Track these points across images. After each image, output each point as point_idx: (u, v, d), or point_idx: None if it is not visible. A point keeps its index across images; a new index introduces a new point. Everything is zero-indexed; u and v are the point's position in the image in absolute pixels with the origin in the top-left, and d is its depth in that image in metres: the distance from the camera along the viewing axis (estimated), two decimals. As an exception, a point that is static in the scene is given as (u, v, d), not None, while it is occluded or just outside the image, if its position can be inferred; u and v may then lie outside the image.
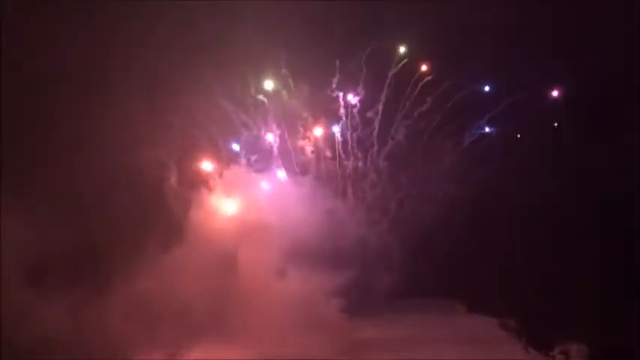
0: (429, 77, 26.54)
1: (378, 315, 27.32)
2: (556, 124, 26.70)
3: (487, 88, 26.38)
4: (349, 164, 27.83)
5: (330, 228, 26.87)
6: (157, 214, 24.32)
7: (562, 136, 26.20)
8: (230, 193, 25.57)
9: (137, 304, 23.05)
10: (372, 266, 28.04)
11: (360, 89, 26.89)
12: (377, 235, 28.27)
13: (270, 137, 26.78)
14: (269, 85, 26.31)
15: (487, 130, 26.98)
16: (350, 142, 27.65)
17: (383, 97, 26.90)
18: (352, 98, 27.06)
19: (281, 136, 26.87)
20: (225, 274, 24.43)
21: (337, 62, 26.13)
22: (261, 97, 26.33)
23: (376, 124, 27.24)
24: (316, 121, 27.18)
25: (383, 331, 26.64)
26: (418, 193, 27.89)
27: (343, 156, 27.80)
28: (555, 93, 26.49)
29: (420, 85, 26.69)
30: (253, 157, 26.59)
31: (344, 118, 27.33)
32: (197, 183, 25.85)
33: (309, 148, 27.45)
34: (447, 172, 27.38)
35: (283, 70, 25.90)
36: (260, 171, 26.63)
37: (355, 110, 27.34)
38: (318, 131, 27.32)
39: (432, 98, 26.58)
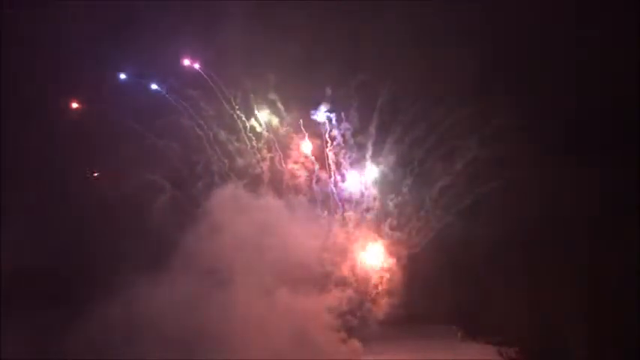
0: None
1: (375, 340, 27.14)
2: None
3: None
4: (343, 187, 27.69)
5: (324, 250, 26.87)
6: (147, 234, 24.36)
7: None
8: (221, 214, 25.39)
9: (123, 326, 22.82)
10: (370, 290, 27.71)
11: (350, 114, 27.03)
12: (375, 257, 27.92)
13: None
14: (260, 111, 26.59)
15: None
16: (343, 164, 27.61)
17: (374, 121, 26.96)
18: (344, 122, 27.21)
19: (272, 161, 27.01)
20: (217, 296, 24.25)
21: (328, 90, 26.41)
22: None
23: (369, 146, 27.23)
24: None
25: (381, 356, 26.64)
26: (412, 216, 27.58)
27: (339, 177, 27.69)
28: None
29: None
30: (243, 182, 26.54)
31: (338, 138, 27.38)
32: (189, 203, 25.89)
33: (302, 173, 27.44)
34: (439, 195, 27.10)
35: (272, 96, 26.21)
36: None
37: (349, 133, 27.37)
38: (307, 147, 27.34)
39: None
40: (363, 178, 27.64)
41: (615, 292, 23.27)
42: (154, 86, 26.01)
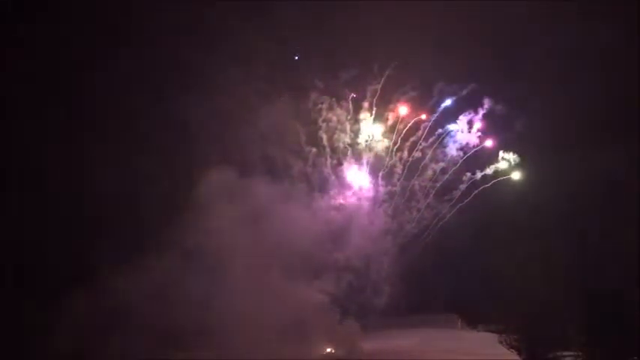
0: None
1: (375, 327, 27.29)
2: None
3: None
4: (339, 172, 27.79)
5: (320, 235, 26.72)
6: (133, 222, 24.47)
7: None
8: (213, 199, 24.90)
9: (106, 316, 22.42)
10: (373, 280, 27.76)
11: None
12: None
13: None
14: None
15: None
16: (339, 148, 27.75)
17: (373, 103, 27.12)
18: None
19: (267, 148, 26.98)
20: (208, 282, 23.90)
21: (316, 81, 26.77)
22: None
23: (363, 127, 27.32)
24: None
25: (381, 342, 26.62)
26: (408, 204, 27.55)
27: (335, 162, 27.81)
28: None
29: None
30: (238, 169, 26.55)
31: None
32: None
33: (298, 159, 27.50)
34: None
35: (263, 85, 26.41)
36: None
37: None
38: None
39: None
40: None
41: (614, 279, 22.85)
42: None
